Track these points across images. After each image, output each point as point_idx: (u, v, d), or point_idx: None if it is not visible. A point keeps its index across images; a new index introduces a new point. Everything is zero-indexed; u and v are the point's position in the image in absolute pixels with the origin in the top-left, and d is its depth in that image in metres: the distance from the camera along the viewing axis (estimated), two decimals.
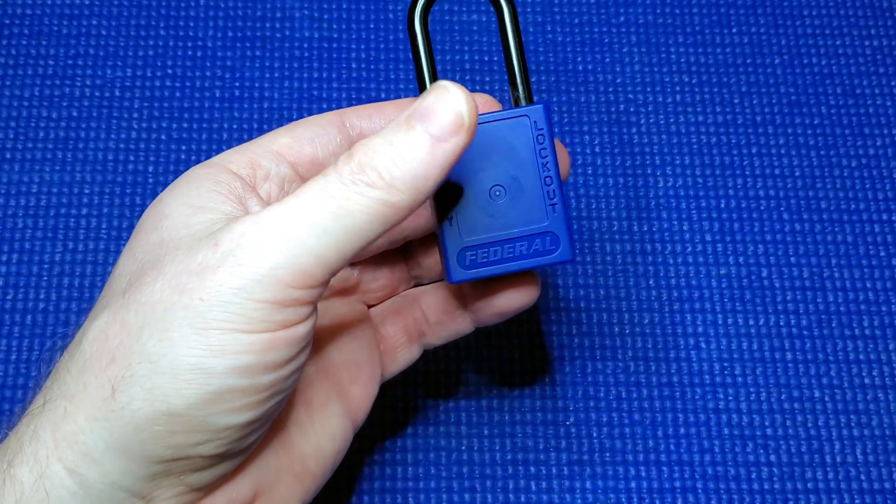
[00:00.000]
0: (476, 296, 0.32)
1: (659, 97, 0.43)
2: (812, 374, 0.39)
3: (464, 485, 0.37)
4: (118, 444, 0.24)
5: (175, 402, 0.24)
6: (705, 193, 0.42)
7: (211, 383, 0.24)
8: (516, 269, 0.30)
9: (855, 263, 0.41)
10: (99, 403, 0.24)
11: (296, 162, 0.30)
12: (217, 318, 0.24)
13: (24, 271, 0.40)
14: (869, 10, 0.45)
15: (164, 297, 0.24)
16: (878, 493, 0.37)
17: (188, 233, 0.26)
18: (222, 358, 0.24)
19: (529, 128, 0.30)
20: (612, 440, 0.38)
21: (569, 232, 0.30)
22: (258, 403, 0.25)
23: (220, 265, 0.24)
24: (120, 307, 0.25)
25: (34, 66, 0.43)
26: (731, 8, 0.45)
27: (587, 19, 0.45)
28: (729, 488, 0.37)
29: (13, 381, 0.38)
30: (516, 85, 0.30)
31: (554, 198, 0.30)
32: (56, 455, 0.25)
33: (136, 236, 0.27)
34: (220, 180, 0.28)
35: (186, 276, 0.24)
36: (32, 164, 0.42)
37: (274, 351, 0.25)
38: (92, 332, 0.25)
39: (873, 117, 0.43)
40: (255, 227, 0.25)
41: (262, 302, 0.24)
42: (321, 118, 0.31)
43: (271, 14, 0.45)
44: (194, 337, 0.24)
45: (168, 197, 0.27)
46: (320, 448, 0.30)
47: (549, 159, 0.30)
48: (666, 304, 0.40)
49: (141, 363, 0.24)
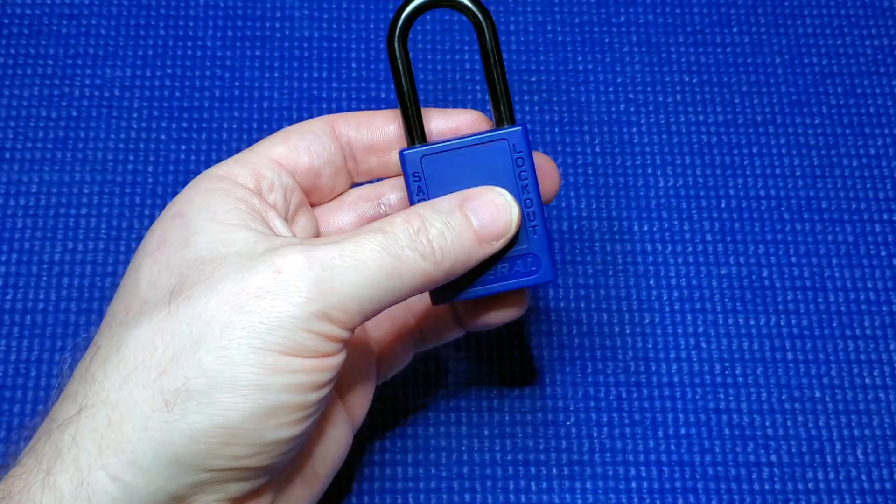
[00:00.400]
0: (466, 311, 0.33)
1: (659, 97, 0.43)
2: (813, 375, 0.39)
3: (464, 485, 0.37)
4: (169, 454, 0.25)
5: (232, 416, 0.25)
6: (705, 193, 0.42)
7: (267, 398, 0.25)
8: (499, 290, 0.30)
9: (856, 263, 0.41)
10: (149, 413, 0.25)
11: (294, 171, 0.31)
12: (275, 341, 0.25)
13: (23, 271, 0.40)
14: (869, 10, 0.45)
15: (221, 315, 0.25)
16: (879, 494, 0.37)
17: (231, 251, 0.27)
18: (277, 376, 0.26)
19: (508, 151, 0.30)
20: (612, 440, 0.38)
21: (550, 253, 0.30)
22: (304, 419, 0.27)
23: (281, 294, 0.26)
24: (167, 317, 0.26)
25: (34, 65, 0.43)
26: (731, 8, 0.45)
27: (587, 19, 0.45)
28: (729, 488, 0.37)
29: (13, 381, 0.38)
30: (498, 105, 0.30)
31: (534, 220, 0.30)
32: (99, 463, 0.25)
33: (162, 249, 0.28)
34: (238, 197, 0.29)
35: (245, 297, 0.26)
36: (32, 163, 0.41)
37: (320, 373, 0.27)
38: (134, 340, 0.26)
39: (874, 117, 0.43)
40: (316, 264, 0.26)
41: (312, 333, 0.26)
42: (313, 125, 0.32)
43: (271, 14, 0.45)
44: (253, 356, 0.25)
45: (192, 212, 0.28)
46: (326, 453, 0.31)
47: (528, 181, 0.30)
48: (666, 304, 0.40)
49: (197, 378, 0.25)
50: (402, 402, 0.38)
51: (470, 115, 0.31)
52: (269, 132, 0.42)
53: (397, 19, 0.30)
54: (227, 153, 0.42)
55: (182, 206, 0.29)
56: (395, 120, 0.32)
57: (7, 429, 0.37)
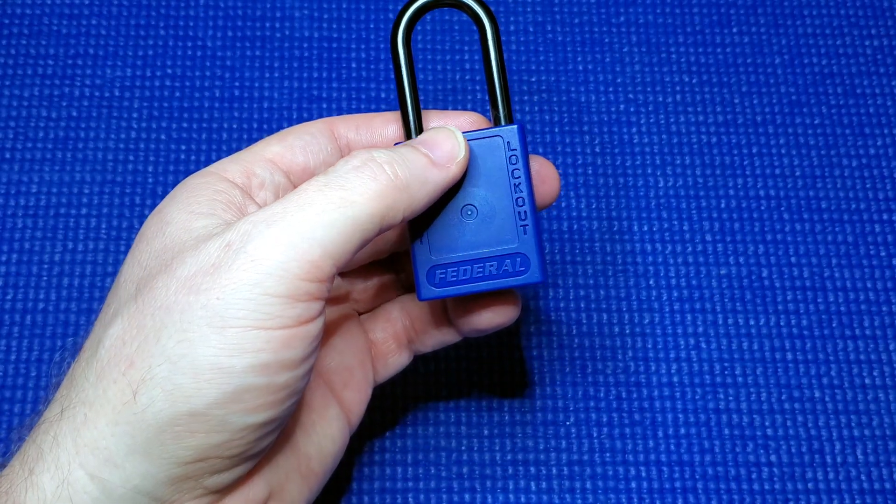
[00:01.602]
0: (456, 312, 0.32)
1: (659, 97, 0.43)
2: (812, 375, 0.39)
3: (464, 485, 0.37)
4: (140, 447, 0.25)
5: (196, 402, 0.24)
6: (705, 193, 0.42)
7: (231, 382, 0.24)
8: (485, 288, 0.30)
9: (855, 263, 0.41)
10: (119, 407, 0.25)
11: (288, 170, 0.31)
12: (235, 315, 0.24)
13: (23, 271, 0.40)
14: (869, 10, 0.45)
15: (179, 299, 0.25)
16: (879, 494, 0.37)
17: (190, 237, 0.26)
18: (241, 356, 0.24)
19: (503, 148, 0.30)
20: (612, 440, 0.38)
21: (539, 254, 0.30)
22: (275, 403, 0.26)
23: (233, 262, 0.25)
24: (134, 312, 0.25)
25: (34, 65, 0.43)
26: (731, 8, 0.45)
27: (587, 19, 0.45)
28: (729, 488, 0.37)
29: (13, 381, 0.38)
30: (497, 104, 0.30)
31: (525, 219, 0.30)
32: (78, 461, 0.25)
33: (139, 244, 0.28)
34: (218, 189, 0.28)
35: (201, 276, 0.25)
36: (32, 164, 0.41)
37: (290, 349, 0.25)
38: (107, 339, 0.26)
39: (874, 117, 0.43)
40: (261, 223, 0.25)
41: (276, 296, 0.25)
42: (311, 126, 0.32)
43: (271, 14, 0.45)
44: (213, 336, 0.24)
45: (169, 206, 0.28)
46: (322, 449, 0.31)
47: (521, 180, 0.30)
48: (666, 304, 0.40)
49: (161, 365, 0.24)
50: (401, 402, 0.38)
51: (469, 116, 0.31)
52: (269, 132, 0.42)
53: (400, 19, 0.30)
54: (227, 153, 0.42)
55: (163, 202, 0.28)
56: (394, 122, 0.32)
57: (7, 429, 0.37)
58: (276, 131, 0.42)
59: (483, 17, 0.30)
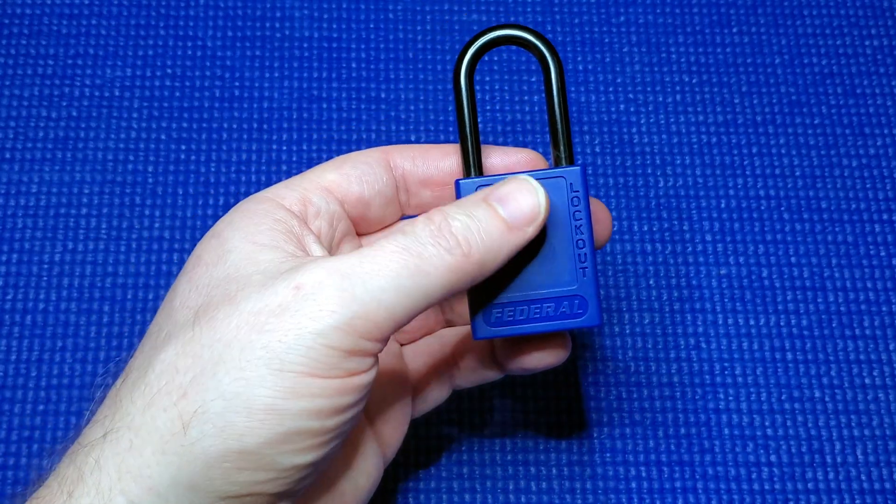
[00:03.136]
0: (504, 350, 0.32)
1: (659, 97, 0.43)
2: (812, 375, 0.39)
3: (464, 485, 0.37)
4: (185, 479, 0.25)
5: (247, 441, 0.25)
6: (705, 193, 0.42)
7: (283, 424, 0.25)
8: (541, 330, 0.30)
9: (855, 263, 0.41)
10: (168, 437, 0.25)
11: (343, 199, 0.31)
12: (294, 360, 0.25)
13: (23, 271, 0.40)
14: (869, 10, 0.45)
15: (240, 335, 0.25)
16: (879, 494, 0.37)
17: (256, 270, 0.26)
18: (297, 400, 0.25)
19: (565, 189, 0.29)
20: (613, 440, 0.38)
21: (597, 297, 0.29)
22: (323, 444, 0.26)
23: (300, 307, 0.25)
24: (190, 340, 0.25)
25: (34, 65, 0.43)
26: (731, 8, 0.45)
27: (587, 19, 0.45)
28: (729, 488, 0.37)
29: (13, 381, 0.38)
30: (558, 145, 0.30)
31: (585, 261, 0.29)
32: (119, 487, 0.25)
33: (196, 268, 0.27)
34: (277, 218, 0.28)
35: (265, 315, 0.25)
36: (32, 163, 0.41)
37: (343, 396, 0.26)
38: (159, 363, 0.26)
39: (874, 117, 0.43)
40: (335, 274, 0.25)
41: (337, 350, 0.25)
42: (367, 155, 0.31)
43: (271, 14, 0.45)
44: (270, 377, 0.25)
45: (228, 231, 0.28)
46: (357, 485, 0.31)
47: (582, 222, 0.29)
48: (666, 304, 0.40)
49: (215, 400, 0.25)
50: None
51: (527, 154, 0.31)
52: (269, 132, 0.42)
53: (464, 53, 0.30)
54: (227, 153, 0.42)
55: (221, 226, 0.28)
56: (452, 154, 0.32)
57: (7, 429, 0.37)
58: (275, 131, 0.42)
59: (549, 58, 0.30)
